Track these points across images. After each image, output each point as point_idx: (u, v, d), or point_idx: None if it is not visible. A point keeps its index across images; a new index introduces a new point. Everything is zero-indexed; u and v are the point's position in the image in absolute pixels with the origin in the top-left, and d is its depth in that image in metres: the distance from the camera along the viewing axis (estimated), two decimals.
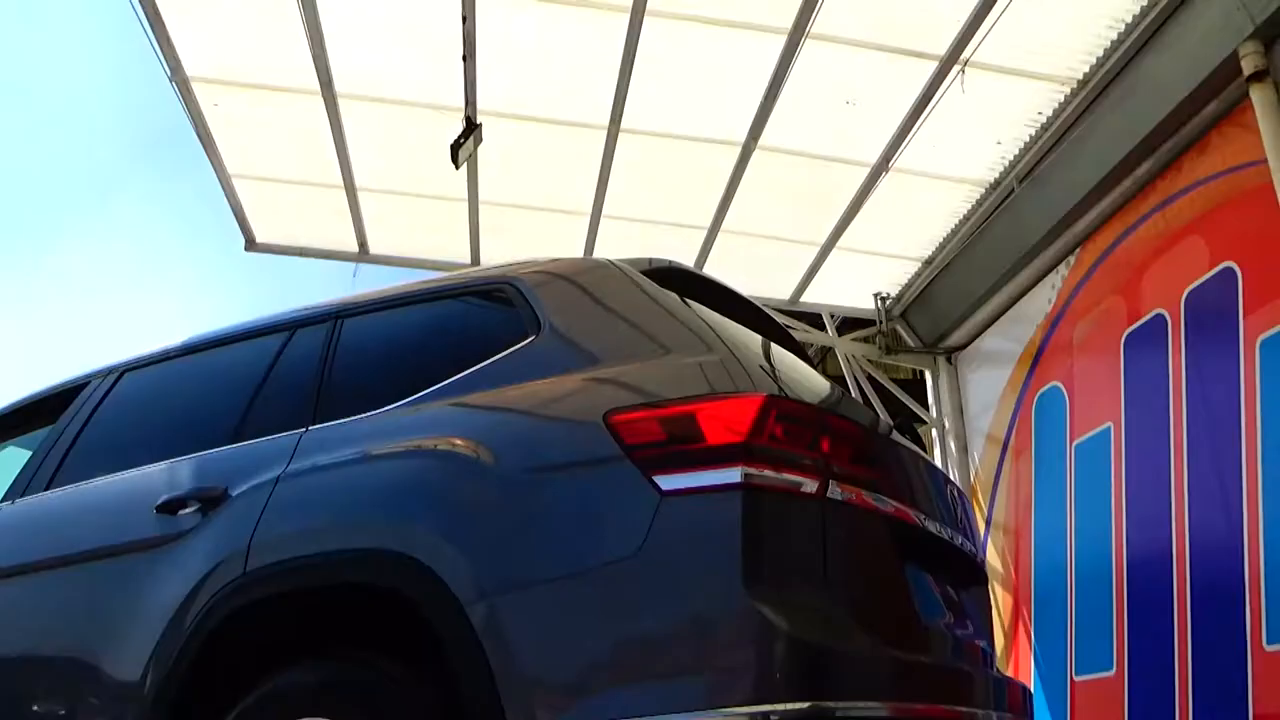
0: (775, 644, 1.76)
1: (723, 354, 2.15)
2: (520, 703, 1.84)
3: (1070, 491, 6.45)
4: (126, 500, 2.63)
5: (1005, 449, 7.35)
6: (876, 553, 2.07)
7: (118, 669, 2.35)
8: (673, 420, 2.00)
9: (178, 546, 2.40)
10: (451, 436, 2.22)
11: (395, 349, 2.68)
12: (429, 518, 2.10)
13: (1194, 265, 5.42)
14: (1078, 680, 6.23)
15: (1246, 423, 4.93)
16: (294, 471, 2.37)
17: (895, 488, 2.19)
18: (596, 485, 2.00)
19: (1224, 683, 4.92)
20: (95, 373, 3.23)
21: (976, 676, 2.21)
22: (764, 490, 1.90)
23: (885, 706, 1.83)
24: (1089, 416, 6.31)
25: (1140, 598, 5.68)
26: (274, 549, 2.24)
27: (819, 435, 2.02)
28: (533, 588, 1.93)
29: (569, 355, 2.31)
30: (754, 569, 1.83)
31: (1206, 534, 5.18)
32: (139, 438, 2.95)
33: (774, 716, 1.71)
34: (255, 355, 2.86)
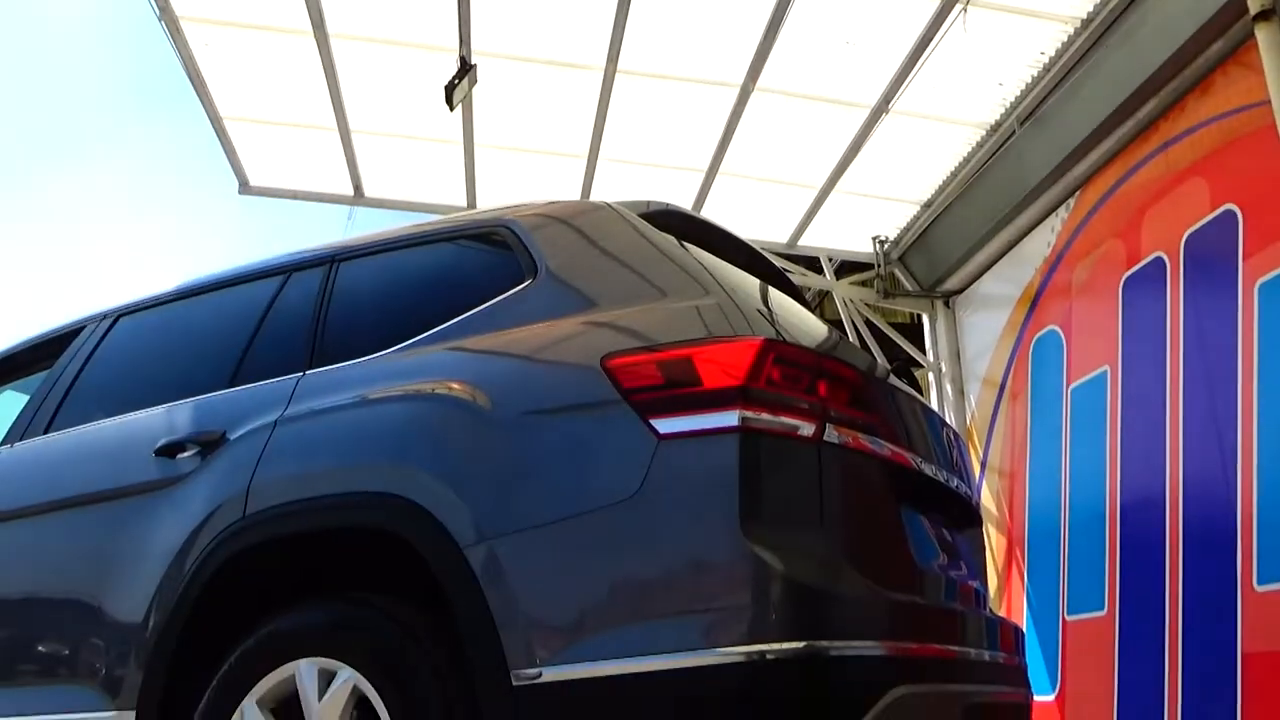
0: (771, 585, 1.77)
1: (720, 298, 2.15)
2: (519, 643, 1.86)
3: (1066, 435, 6.49)
4: (125, 444, 2.64)
5: (1001, 392, 7.37)
6: (872, 496, 2.09)
7: (119, 611, 2.37)
8: (670, 364, 2.00)
9: (177, 489, 2.42)
10: (449, 380, 2.22)
11: (391, 293, 2.67)
12: (427, 461, 2.11)
13: (1194, 208, 5.39)
14: (1069, 620, 6.32)
15: (1243, 366, 4.94)
16: (292, 416, 2.38)
17: (892, 431, 2.20)
18: (594, 429, 2.01)
19: (1214, 622, 4.99)
20: (90, 317, 3.22)
21: (970, 617, 2.24)
22: (761, 434, 1.90)
23: (880, 646, 1.85)
24: (1086, 360, 6.32)
25: (1133, 539, 5.74)
26: (273, 492, 2.25)
27: (816, 379, 2.02)
28: (530, 530, 1.94)
29: (566, 299, 2.30)
30: (751, 511, 1.84)
31: (1200, 476, 5.22)
32: (135, 382, 2.95)
33: (770, 656, 1.73)
34: (251, 300, 2.85)
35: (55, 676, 2.48)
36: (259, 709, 2.08)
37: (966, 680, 2.10)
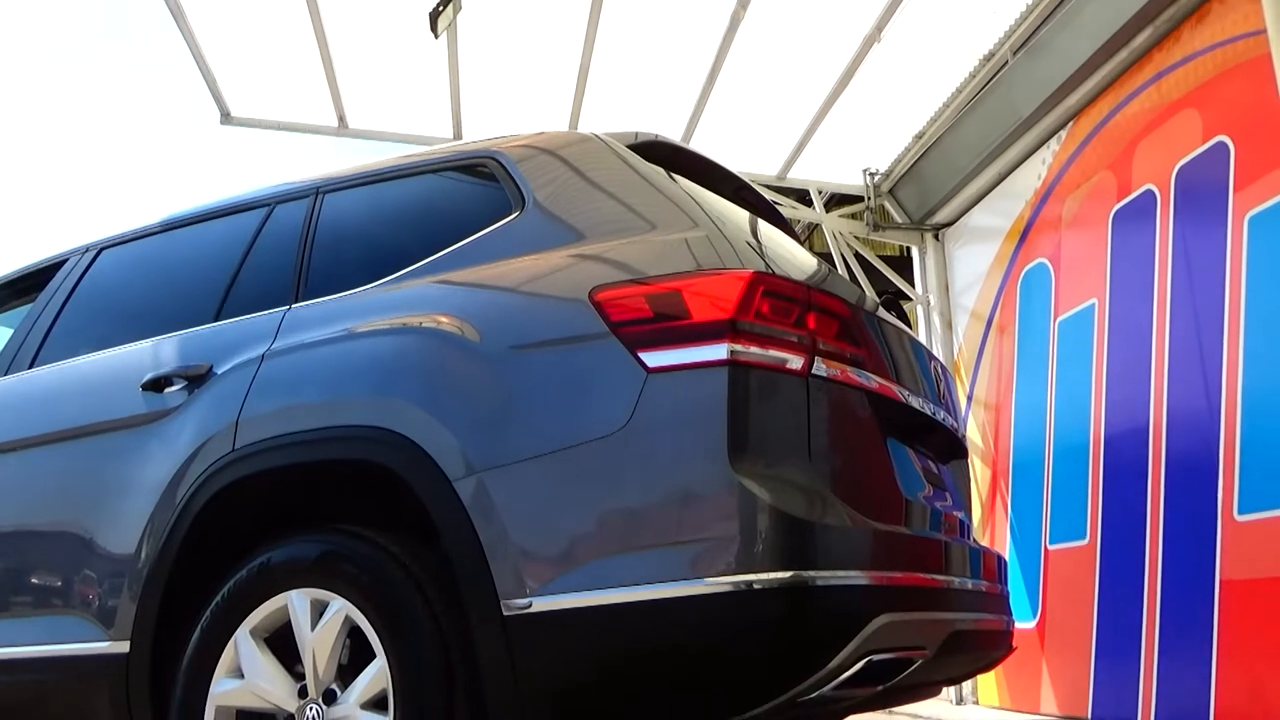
0: (758, 516, 1.79)
1: (709, 230, 2.13)
2: (509, 574, 1.89)
3: (1052, 367, 6.53)
4: (111, 378, 2.63)
5: (989, 326, 7.39)
6: (860, 428, 2.10)
7: (111, 543, 2.39)
8: (659, 297, 1.99)
9: (165, 423, 2.42)
10: (436, 314, 2.21)
11: (377, 225, 2.65)
12: (415, 395, 2.11)
13: (1187, 139, 5.35)
14: (1052, 549, 6.43)
15: (1230, 299, 4.96)
16: (279, 349, 2.37)
17: (880, 364, 2.21)
18: (582, 362, 2.01)
19: (1193, 551, 5.08)
20: (72, 251, 3.19)
21: (954, 546, 2.27)
22: (750, 367, 1.90)
23: (865, 576, 1.87)
24: (1074, 293, 6.34)
25: (1116, 470, 5.81)
26: (261, 426, 2.26)
27: (805, 312, 2.02)
28: (520, 463, 1.95)
29: (553, 231, 2.28)
30: (738, 444, 1.85)
31: (1185, 408, 5.27)
32: (120, 316, 2.94)
33: (756, 585, 1.76)
34: (235, 232, 2.82)
35: (49, 608, 2.50)
36: (252, 638, 2.10)
37: (950, 608, 2.14)
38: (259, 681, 2.07)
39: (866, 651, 1.82)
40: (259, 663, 2.09)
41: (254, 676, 2.08)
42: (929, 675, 2.21)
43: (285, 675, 2.07)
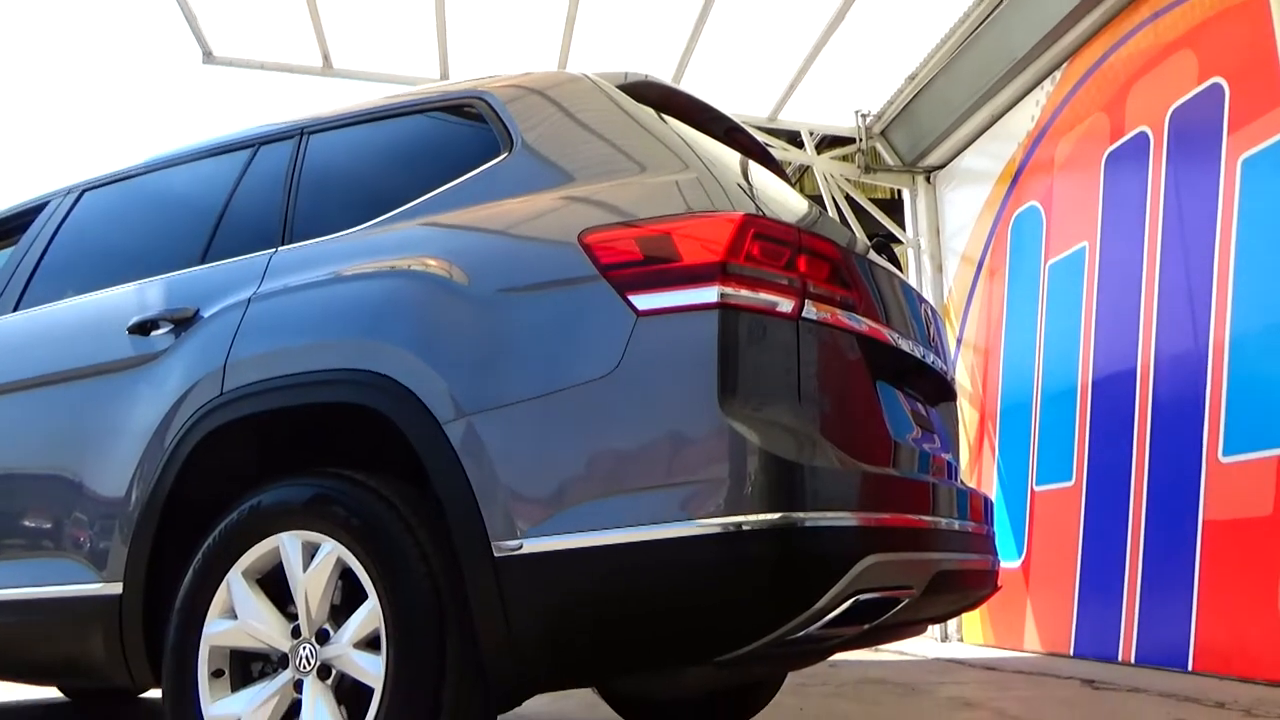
0: (748, 459, 1.80)
1: (700, 172, 2.11)
2: (499, 516, 1.90)
3: (1041, 311, 6.54)
4: (97, 321, 2.62)
5: (980, 269, 7.39)
6: (849, 371, 2.10)
7: (101, 486, 2.39)
8: (649, 240, 1.98)
9: (152, 367, 2.41)
10: (424, 257, 2.19)
11: (363, 167, 2.62)
12: (404, 338, 2.10)
13: (1181, 81, 5.31)
14: (1038, 490, 6.49)
15: (1221, 243, 4.96)
16: (266, 293, 2.36)
17: (870, 307, 2.21)
18: (572, 305, 2.00)
19: (1178, 492, 5.14)
20: (54, 193, 3.15)
21: (941, 488, 2.29)
22: (740, 310, 1.90)
23: (853, 517, 1.89)
24: (1065, 236, 6.33)
25: (1103, 413, 5.86)
26: (250, 370, 2.25)
27: (796, 255, 2.01)
28: (510, 406, 1.95)
29: (542, 173, 2.26)
30: (729, 387, 1.85)
31: (1172, 351, 5.30)
32: (104, 258, 2.91)
33: (746, 527, 1.77)
34: (219, 174, 2.79)
35: (41, 550, 2.51)
36: (245, 580, 2.12)
37: (936, 549, 2.16)
38: (252, 622, 2.09)
39: (854, 591, 1.84)
40: (252, 603, 2.11)
41: (247, 617, 2.10)
42: (915, 614, 2.24)
43: (278, 616, 2.09)
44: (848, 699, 4.21)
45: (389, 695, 1.90)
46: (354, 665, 1.97)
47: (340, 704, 1.99)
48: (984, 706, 3.97)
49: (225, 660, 2.13)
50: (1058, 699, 4.19)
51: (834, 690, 4.46)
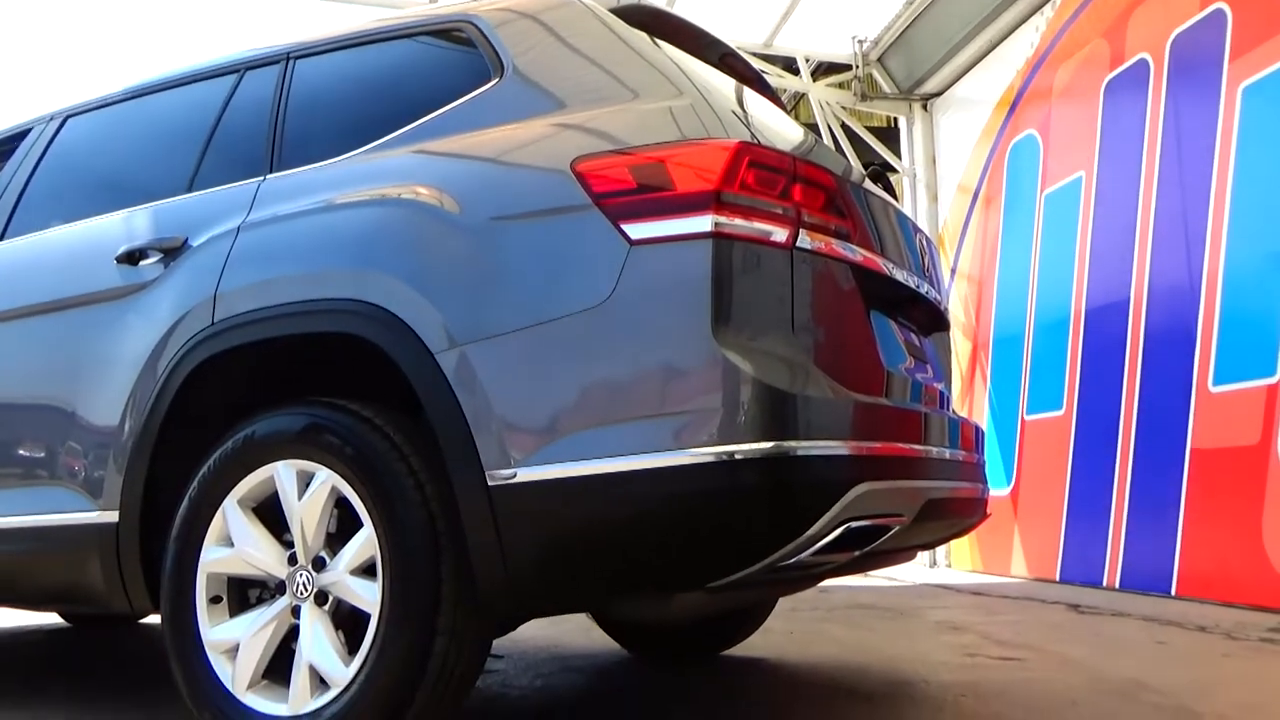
0: (741, 388, 1.80)
1: (694, 98, 2.08)
2: (493, 445, 1.90)
3: (1036, 241, 6.52)
4: (84, 250, 2.60)
5: (975, 198, 7.34)
6: (843, 301, 2.10)
7: (95, 415, 2.40)
8: (642, 168, 1.96)
9: (142, 296, 2.40)
10: (415, 185, 2.17)
11: (351, 93, 2.57)
12: (396, 268, 2.09)
13: (1183, 6, 5.22)
14: (1028, 419, 6.54)
15: (1219, 172, 4.93)
16: (255, 222, 2.33)
17: (865, 237, 2.19)
18: (565, 234, 1.98)
19: (1166, 421, 5.19)
20: (37, 120, 3.09)
21: (933, 417, 2.30)
22: (734, 239, 1.89)
23: (845, 446, 1.90)
24: (1062, 165, 6.28)
25: (1095, 342, 5.88)
26: (241, 300, 2.24)
27: (791, 184, 1.99)
28: (503, 336, 1.95)
29: (534, 99, 2.22)
30: (722, 317, 1.85)
31: (1166, 281, 5.30)
32: (89, 187, 2.88)
33: (738, 456, 1.78)
34: (204, 100, 2.74)
35: (36, 479, 2.52)
36: (240, 508, 2.13)
37: (927, 477, 2.18)
38: (248, 549, 2.11)
39: (845, 519, 1.86)
40: (247, 531, 2.12)
41: (243, 545, 2.12)
42: (905, 541, 2.27)
43: (274, 543, 2.11)
44: (837, 623, 4.29)
45: (385, 621, 1.92)
46: (350, 592, 2.00)
47: (338, 629, 2.02)
48: (970, 630, 4.04)
49: (223, 587, 2.15)
50: (1043, 622, 4.28)
51: (824, 615, 4.54)
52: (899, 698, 2.74)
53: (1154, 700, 2.64)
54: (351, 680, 1.94)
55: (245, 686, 2.05)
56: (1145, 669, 3.11)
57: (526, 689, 2.91)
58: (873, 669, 3.18)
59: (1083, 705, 2.60)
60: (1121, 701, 2.64)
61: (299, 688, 2.00)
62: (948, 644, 3.69)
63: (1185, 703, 2.61)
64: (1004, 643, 3.66)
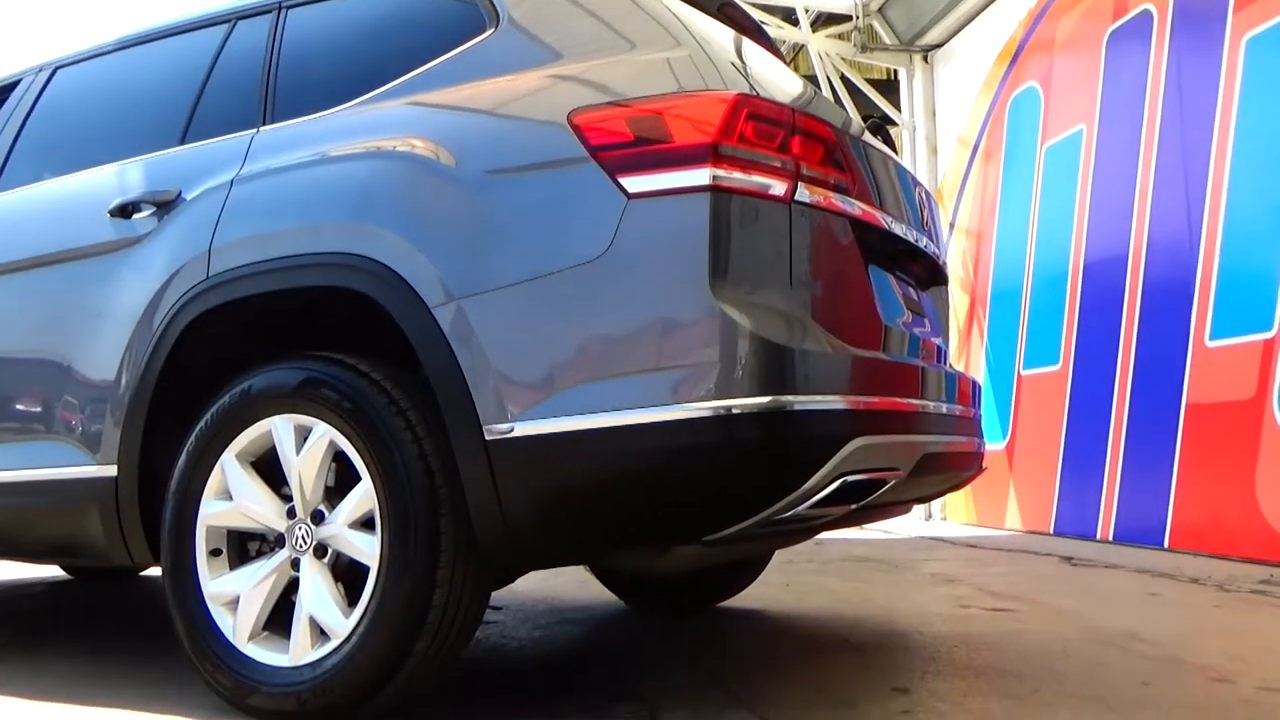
0: (738, 342, 1.80)
1: (692, 49, 2.06)
2: (490, 399, 1.90)
3: (1036, 194, 6.49)
4: (77, 203, 2.58)
5: (975, 152, 7.29)
6: (841, 255, 2.09)
7: (91, 370, 2.39)
8: (639, 120, 1.94)
9: (136, 250, 2.39)
10: (410, 137, 2.14)
11: (345, 44, 2.53)
12: (392, 221, 2.07)
13: None
14: (1025, 374, 6.56)
15: (1220, 125, 4.89)
16: (249, 175, 2.31)
17: (863, 190, 2.18)
18: (561, 188, 1.97)
19: (1162, 375, 5.20)
20: (25, 72, 3.05)
21: (930, 372, 2.30)
22: (732, 192, 1.87)
23: (842, 400, 1.90)
24: (1062, 118, 6.23)
25: (1093, 297, 5.87)
26: (236, 253, 2.23)
27: (790, 136, 1.97)
28: (499, 290, 1.94)
29: (529, 50, 2.19)
30: (720, 270, 1.84)
31: (1165, 235, 5.28)
32: (80, 139, 2.85)
33: (735, 410, 1.78)
34: (195, 51, 2.70)
35: (33, 433, 2.53)
36: (238, 462, 2.14)
37: (924, 431, 2.18)
38: (247, 503, 2.12)
39: (841, 473, 1.86)
40: (246, 485, 2.13)
41: (242, 498, 2.13)
42: (901, 495, 2.29)
43: (273, 497, 2.12)
44: (833, 575, 4.33)
45: (384, 573, 1.93)
46: (350, 545, 2.01)
47: (337, 581, 2.03)
48: (965, 582, 4.09)
49: (222, 540, 2.17)
50: (1037, 574, 4.32)
51: (820, 567, 4.58)
52: (893, 648, 2.77)
53: (1145, 651, 2.68)
54: (351, 632, 1.95)
55: (246, 638, 2.07)
56: (1137, 620, 3.15)
57: (525, 640, 2.94)
58: (867, 620, 3.21)
59: (1074, 656, 2.63)
60: (1113, 652, 2.67)
61: (299, 639, 2.02)
62: (942, 596, 3.73)
63: (1176, 653, 2.65)
64: (997, 594, 3.70)
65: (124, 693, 2.30)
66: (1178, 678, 2.39)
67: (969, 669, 2.50)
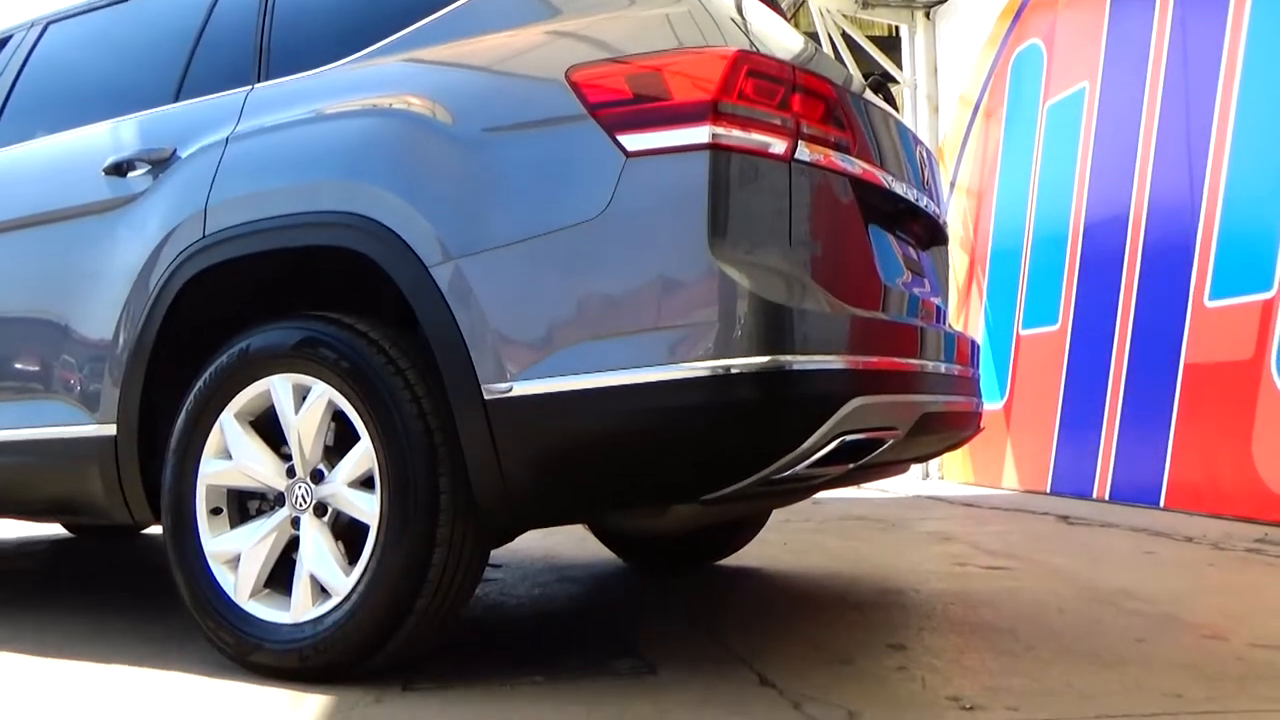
0: (737, 302, 1.80)
1: (692, 5, 2.03)
2: (489, 358, 1.90)
3: (1037, 153, 6.44)
4: (71, 161, 2.56)
5: (976, 110, 7.23)
6: (841, 214, 2.08)
7: (88, 329, 2.39)
8: (638, 77, 1.92)
9: (131, 209, 2.37)
10: (406, 95, 2.12)
11: None
12: (389, 179, 2.06)
13: None
14: (1023, 334, 6.56)
15: (1224, 84, 4.84)
16: (244, 132, 2.29)
17: (864, 149, 2.16)
18: (560, 145, 1.95)
19: (1161, 336, 5.20)
20: (17, 27, 3.01)
21: (929, 332, 2.30)
22: (732, 151, 1.86)
23: (841, 360, 1.90)
24: (1065, 76, 6.17)
25: (1093, 257, 5.86)
26: (231, 212, 2.21)
27: (790, 94, 1.95)
28: (497, 249, 1.93)
29: (527, 5, 2.16)
30: (719, 229, 1.83)
31: (1166, 195, 5.25)
32: (73, 96, 2.82)
33: (734, 370, 1.78)
34: (189, 6, 2.66)
35: (31, 393, 2.52)
36: (237, 421, 2.14)
37: (922, 391, 2.18)
38: (246, 462, 2.12)
39: (840, 433, 1.87)
40: (245, 444, 2.13)
41: (241, 457, 2.13)
42: (899, 454, 2.29)
43: (273, 456, 2.12)
44: (830, 534, 4.36)
45: (384, 532, 1.94)
46: (349, 504, 2.02)
47: (338, 540, 2.04)
48: (961, 540, 4.11)
49: (222, 499, 2.17)
50: (1032, 533, 4.35)
51: (817, 526, 4.61)
52: (889, 606, 2.80)
53: (1140, 608, 2.70)
54: (352, 589, 1.97)
55: (248, 595, 2.09)
56: (1132, 578, 3.17)
57: (524, 597, 2.96)
58: (864, 578, 3.24)
59: (1069, 613, 2.66)
60: (1107, 610, 2.70)
61: (300, 597, 2.03)
62: (938, 554, 3.76)
63: (1170, 610, 2.67)
64: (993, 553, 3.73)
65: (127, 649, 2.33)
66: (1171, 635, 2.41)
67: (965, 626, 2.52)
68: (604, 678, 2.06)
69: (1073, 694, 1.93)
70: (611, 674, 2.08)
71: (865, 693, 1.94)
